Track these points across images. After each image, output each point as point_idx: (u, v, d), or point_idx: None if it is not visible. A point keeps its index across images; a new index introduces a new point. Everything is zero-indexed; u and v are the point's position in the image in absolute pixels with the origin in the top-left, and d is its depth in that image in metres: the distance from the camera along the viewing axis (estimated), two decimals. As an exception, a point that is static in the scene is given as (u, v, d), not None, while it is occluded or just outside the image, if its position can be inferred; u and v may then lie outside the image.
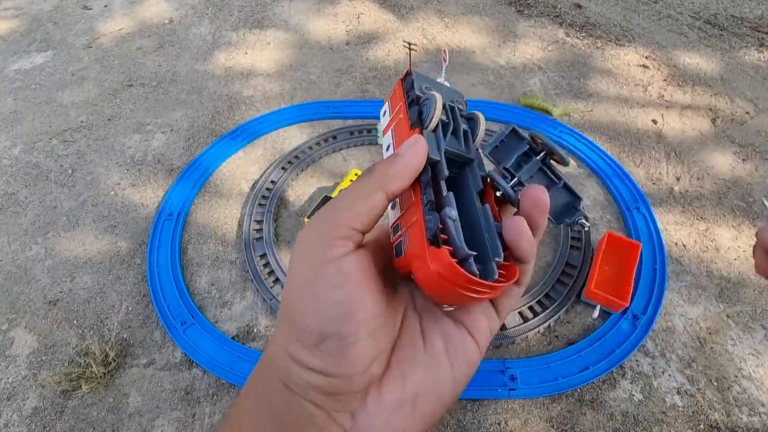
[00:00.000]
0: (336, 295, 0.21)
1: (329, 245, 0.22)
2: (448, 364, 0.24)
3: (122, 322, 1.07)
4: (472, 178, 0.27)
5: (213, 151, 1.43)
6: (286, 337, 0.22)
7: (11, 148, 1.49)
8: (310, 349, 0.21)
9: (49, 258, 1.20)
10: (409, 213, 0.24)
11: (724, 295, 1.08)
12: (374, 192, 0.23)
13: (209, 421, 0.92)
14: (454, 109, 0.28)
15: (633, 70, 1.70)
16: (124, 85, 1.70)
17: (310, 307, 0.21)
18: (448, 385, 0.23)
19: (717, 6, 2.01)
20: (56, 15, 2.09)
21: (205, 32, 1.95)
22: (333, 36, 1.89)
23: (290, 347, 0.21)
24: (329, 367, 0.21)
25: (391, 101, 0.30)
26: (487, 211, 0.24)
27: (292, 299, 0.22)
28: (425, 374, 0.23)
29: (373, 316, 0.22)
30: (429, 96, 0.27)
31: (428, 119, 0.26)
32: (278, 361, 0.22)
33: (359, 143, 1.45)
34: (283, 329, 0.23)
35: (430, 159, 0.25)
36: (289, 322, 0.22)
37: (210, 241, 1.22)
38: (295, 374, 0.21)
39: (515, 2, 2.05)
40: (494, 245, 0.23)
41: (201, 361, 0.99)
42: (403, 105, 0.28)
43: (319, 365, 0.21)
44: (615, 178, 1.31)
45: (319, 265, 0.22)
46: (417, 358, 0.23)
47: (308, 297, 0.21)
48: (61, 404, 0.95)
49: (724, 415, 0.91)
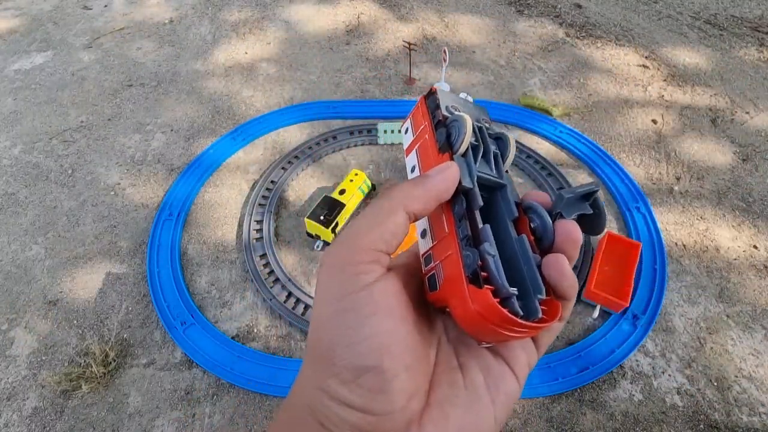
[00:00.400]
0: (369, 326, 0.20)
1: (356, 272, 0.21)
2: (489, 401, 0.22)
3: (122, 322, 1.07)
4: (504, 204, 0.25)
5: (213, 151, 1.43)
6: (317, 374, 0.21)
7: (11, 148, 1.49)
8: (348, 385, 0.19)
9: (49, 258, 1.20)
10: (442, 245, 0.23)
11: (724, 295, 1.08)
12: (395, 210, 0.22)
13: (209, 421, 0.92)
14: (482, 129, 0.26)
15: (633, 70, 1.70)
16: (124, 85, 1.70)
17: (343, 340, 0.20)
18: (490, 423, 0.22)
19: (717, 6, 2.01)
20: (56, 15, 2.09)
21: (205, 32, 1.95)
22: (333, 36, 1.89)
23: (325, 384, 0.20)
24: (369, 403, 0.19)
25: (414, 119, 0.29)
26: (524, 242, 0.23)
27: (321, 333, 0.21)
28: (467, 412, 0.22)
29: (409, 348, 0.21)
30: (457, 118, 0.25)
31: (458, 143, 0.25)
32: (311, 399, 0.21)
33: (359, 143, 1.45)
34: (313, 366, 0.21)
35: (463, 187, 0.23)
36: (319, 357, 0.21)
37: (210, 241, 1.22)
38: (332, 412, 0.20)
39: (515, 2, 2.05)
40: (535, 280, 0.22)
41: (201, 361, 0.99)
42: (429, 126, 0.27)
43: (358, 402, 0.19)
44: (615, 178, 1.31)
45: (347, 295, 0.20)
46: (457, 395, 0.22)
47: (339, 329, 0.20)
48: (61, 404, 0.95)
49: (724, 415, 0.91)
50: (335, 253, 0.22)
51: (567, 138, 1.43)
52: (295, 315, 1.05)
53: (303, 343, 1.03)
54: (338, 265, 0.21)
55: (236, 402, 0.95)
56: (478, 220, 0.23)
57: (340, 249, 0.22)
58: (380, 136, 1.45)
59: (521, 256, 0.23)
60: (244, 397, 0.95)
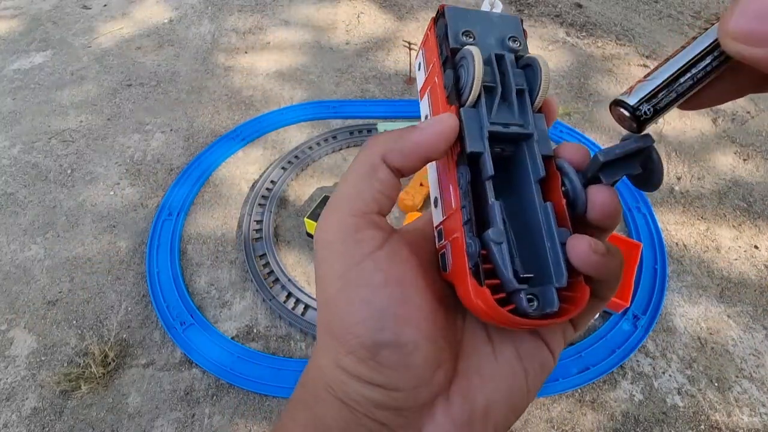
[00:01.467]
0: (381, 297, 0.18)
1: (356, 240, 0.19)
2: (522, 372, 0.21)
3: (122, 322, 1.07)
4: (530, 159, 0.20)
5: (213, 151, 1.43)
6: (334, 352, 0.19)
7: (10, 147, 1.49)
8: (366, 363, 0.18)
9: (49, 258, 1.20)
10: (450, 222, 0.20)
11: (725, 296, 1.08)
12: (376, 166, 0.20)
13: (209, 421, 0.92)
14: (503, 59, 0.20)
15: (633, 69, 1.69)
16: (123, 84, 1.70)
17: (355, 316, 0.18)
18: (522, 394, 0.21)
19: (718, 6, 2.01)
20: (55, 14, 2.09)
21: (204, 32, 1.94)
22: (333, 36, 1.89)
23: (343, 362, 0.19)
24: (391, 380, 0.18)
25: (425, 50, 0.23)
26: (548, 212, 0.19)
27: (330, 311, 0.19)
28: (498, 383, 0.20)
29: (428, 317, 0.19)
30: (466, 54, 0.20)
31: (466, 92, 0.20)
32: (330, 377, 0.19)
33: (359, 143, 1.44)
34: (328, 343, 0.20)
35: (471, 151, 0.19)
36: (333, 336, 0.19)
37: (210, 241, 1.22)
38: (353, 390, 0.19)
39: (515, 2, 2.05)
40: (557, 263, 0.18)
41: (200, 361, 0.99)
42: (437, 63, 0.21)
43: (379, 379, 0.18)
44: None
45: (351, 266, 0.19)
46: (486, 365, 0.20)
47: (349, 305, 0.19)
48: (61, 404, 0.95)
49: (724, 416, 0.91)
50: (327, 225, 0.20)
51: (567, 138, 1.43)
52: (295, 315, 1.05)
53: (303, 343, 1.03)
54: (334, 237, 0.19)
55: (236, 402, 0.94)
56: (488, 194, 0.19)
57: (331, 220, 0.20)
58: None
59: (545, 231, 0.19)
60: (244, 398, 0.95)
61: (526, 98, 0.20)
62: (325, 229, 0.20)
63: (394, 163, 0.20)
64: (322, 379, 0.20)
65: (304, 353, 1.01)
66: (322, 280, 0.20)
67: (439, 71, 0.21)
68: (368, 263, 0.19)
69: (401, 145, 0.19)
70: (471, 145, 0.19)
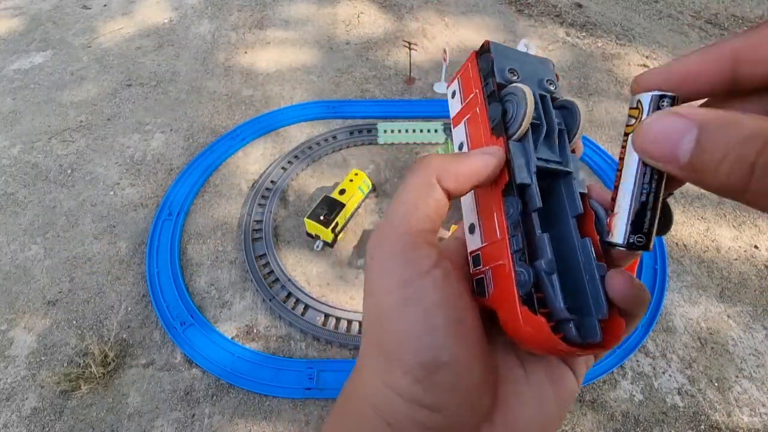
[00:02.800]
0: (438, 316, 0.18)
1: (415, 256, 0.19)
2: (553, 396, 0.21)
3: (121, 322, 1.07)
4: (567, 195, 0.21)
5: (212, 151, 1.43)
6: (384, 370, 0.19)
7: (10, 147, 1.48)
8: (422, 383, 0.18)
9: (49, 258, 1.20)
10: (493, 250, 0.20)
11: (724, 296, 1.08)
12: (432, 185, 0.20)
13: (209, 421, 0.92)
14: (545, 99, 0.21)
15: (634, 69, 1.69)
16: (123, 84, 1.70)
17: (412, 334, 0.18)
18: (555, 420, 0.21)
19: (718, 5, 2.01)
20: (55, 14, 2.09)
21: (204, 32, 1.94)
22: (333, 36, 1.89)
23: (394, 382, 0.18)
24: (443, 402, 0.18)
25: (463, 81, 0.24)
26: (588, 247, 0.20)
27: (385, 325, 0.19)
28: (534, 408, 0.20)
29: (479, 339, 0.19)
30: (515, 91, 0.21)
31: (514, 126, 0.20)
32: (377, 397, 0.19)
33: (359, 143, 1.44)
34: (377, 361, 0.19)
35: (520, 183, 0.20)
36: (385, 352, 0.19)
37: (210, 241, 1.22)
38: (401, 412, 0.18)
39: (515, 2, 2.05)
40: (597, 297, 0.19)
41: (200, 361, 0.99)
42: (480, 95, 0.22)
43: (431, 401, 0.18)
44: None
45: (409, 282, 0.18)
46: (523, 391, 0.20)
47: (407, 321, 0.18)
48: (61, 404, 0.95)
49: (724, 416, 0.91)
50: (387, 237, 0.20)
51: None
52: (295, 315, 1.05)
53: (303, 343, 1.03)
54: (392, 251, 0.19)
55: (236, 402, 0.94)
56: (535, 225, 0.20)
57: (391, 233, 0.19)
58: (380, 136, 1.44)
59: (583, 266, 0.20)
60: (244, 398, 0.95)
61: (565, 137, 0.22)
62: (382, 242, 0.20)
63: (447, 185, 0.20)
64: (368, 399, 0.19)
65: (304, 353, 1.01)
66: (375, 294, 0.19)
67: (482, 103, 0.22)
68: (426, 281, 0.18)
69: (455, 169, 0.20)
70: (520, 177, 0.20)
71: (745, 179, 0.13)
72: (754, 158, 0.13)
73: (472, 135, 0.23)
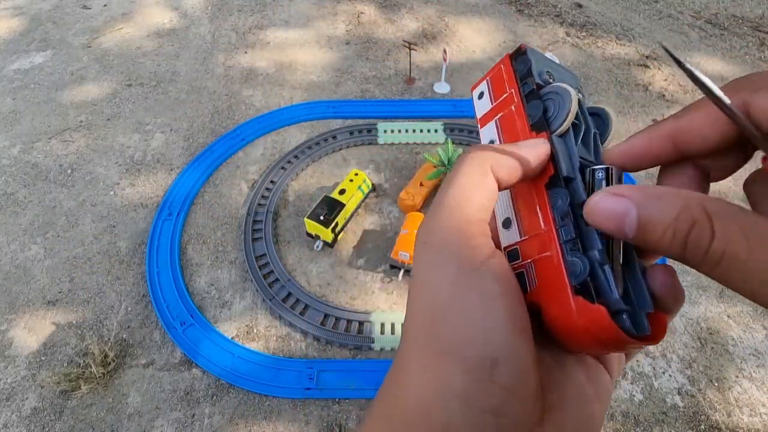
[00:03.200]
0: (498, 309, 0.17)
1: (471, 246, 0.18)
2: (595, 397, 0.20)
3: (121, 322, 1.07)
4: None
5: (212, 151, 1.43)
6: (439, 370, 0.17)
7: (10, 147, 1.49)
8: (482, 382, 0.16)
9: (49, 258, 1.20)
10: (536, 243, 0.20)
11: (725, 295, 1.08)
12: (486, 174, 0.19)
13: (209, 421, 0.92)
14: (581, 104, 0.22)
15: (633, 69, 1.69)
16: (123, 84, 1.70)
17: (471, 328, 0.17)
18: (599, 420, 0.20)
19: (717, 5, 2.01)
20: (55, 14, 2.09)
21: (204, 32, 1.94)
22: (333, 36, 1.89)
23: (452, 382, 0.17)
24: (503, 402, 0.16)
25: (493, 84, 0.25)
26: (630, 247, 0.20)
27: (439, 320, 0.17)
28: (579, 410, 0.19)
29: (532, 334, 0.18)
30: (558, 90, 0.22)
31: (558, 121, 0.21)
32: (429, 402, 0.17)
33: (359, 143, 1.44)
34: (429, 361, 0.17)
35: (566, 176, 0.20)
36: (440, 351, 0.17)
37: (209, 241, 1.22)
38: (460, 419, 0.16)
39: (515, 2, 2.05)
40: (641, 292, 0.19)
41: (200, 361, 0.99)
42: (517, 95, 0.23)
43: (491, 402, 0.16)
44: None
45: (468, 272, 0.17)
46: (566, 392, 0.19)
47: (465, 314, 0.17)
48: (61, 404, 0.95)
49: (724, 416, 0.91)
50: (440, 226, 0.18)
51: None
52: (295, 315, 1.05)
53: (303, 343, 1.03)
54: (448, 239, 0.18)
55: (236, 402, 0.94)
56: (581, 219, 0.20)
57: (445, 222, 0.18)
58: (380, 136, 1.44)
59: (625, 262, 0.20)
60: (244, 398, 0.95)
61: (599, 140, 0.23)
62: (434, 231, 0.19)
63: (500, 174, 0.20)
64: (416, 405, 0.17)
65: (304, 353, 1.01)
66: (428, 285, 0.18)
67: (520, 102, 0.23)
68: (485, 270, 0.18)
69: (507, 160, 0.20)
70: (566, 170, 0.20)
71: (681, 251, 0.15)
72: (685, 235, 0.15)
73: (506, 132, 0.23)
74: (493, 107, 0.24)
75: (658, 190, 0.16)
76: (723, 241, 0.14)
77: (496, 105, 0.24)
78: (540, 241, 0.20)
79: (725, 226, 0.14)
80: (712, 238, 0.14)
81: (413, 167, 1.37)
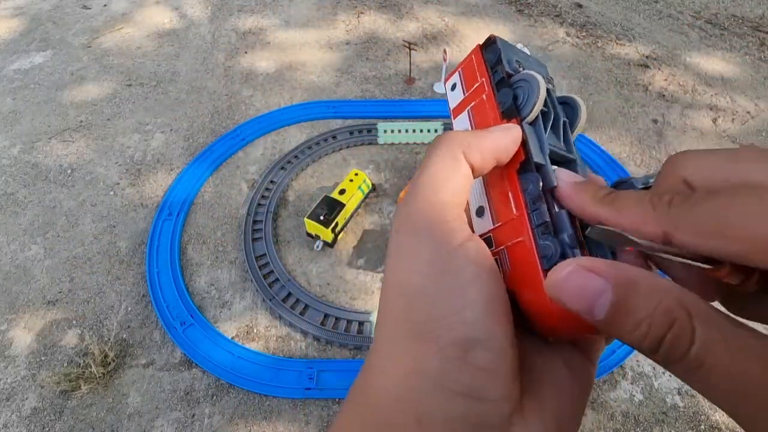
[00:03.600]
0: (474, 290, 0.17)
1: (448, 229, 0.18)
2: (576, 385, 0.19)
3: (121, 322, 1.07)
4: None
5: (212, 151, 1.43)
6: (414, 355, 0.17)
7: (10, 147, 1.49)
8: (456, 363, 0.16)
9: (49, 258, 1.20)
10: (508, 228, 0.20)
11: (724, 296, 1.08)
12: (459, 159, 0.19)
13: (209, 421, 0.92)
14: (550, 92, 0.23)
15: (633, 69, 1.69)
16: (123, 84, 1.70)
17: (446, 309, 0.17)
18: (581, 407, 0.19)
19: (717, 5, 2.01)
20: (55, 14, 2.09)
21: (204, 32, 1.94)
22: (333, 36, 1.89)
23: (427, 366, 0.16)
24: (479, 385, 0.16)
25: (465, 74, 0.25)
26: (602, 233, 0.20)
27: (415, 304, 0.17)
28: (559, 395, 0.19)
29: (511, 319, 0.18)
30: (527, 77, 0.22)
31: (527, 108, 0.21)
32: (403, 390, 0.17)
33: (359, 143, 1.44)
34: (402, 346, 0.17)
35: (536, 162, 0.20)
36: (415, 334, 0.17)
37: (209, 241, 1.22)
38: (433, 403, 0.16)
39: (515, 2, 2.05)
40: None
41: (200, 361, 0.99)
42: (488, 83, 0.23)
43: (466, 385, 0.16)
44: (615, 178, 1.31)
45: (443, 254, 0.17)
46: (546, 378, 0.19)
47: (440, 296, 0.17)
48: (61, 404, 0.95)
49: (725, 416, 0.91)
50: (415, 210, 0.18)
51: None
52: (295, 315, 1.05)
53: (303, 343, 1.03)
54: (424, 223, 0.18)
55: (236, 402, 0.94)
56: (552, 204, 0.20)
57: (420, 205, 0.18)
58: (380, 136, 1.44)
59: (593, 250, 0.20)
60: (244, 398, 0.95)
61: (568, 129, 0.23)
62: (409, 215, 0.18)
63: (473, 160, 0.19)
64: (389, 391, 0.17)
65: (304, 353, 1.01)
66: (402, 269, 0.18)
67: (490, 90, 0.23)
68: (461, 252, 0.17)
69: (479, 144, 0.19)
70: (536, 156, 0.20)
71: (653, 349, 0.14)
72: (661, 335, 0.13)
73: (477, 120, 0.24)
74: (466, 97, 0.25)
75: (631, 272, 0.14)
76: (703, 349, 0.13)
77: (469, 95, 0.25)
78: (512, 226, 0.20)
79: (707, 332, 0.13)
80: (691, 343, 0.13)
81: (413, 167, 1.37)
